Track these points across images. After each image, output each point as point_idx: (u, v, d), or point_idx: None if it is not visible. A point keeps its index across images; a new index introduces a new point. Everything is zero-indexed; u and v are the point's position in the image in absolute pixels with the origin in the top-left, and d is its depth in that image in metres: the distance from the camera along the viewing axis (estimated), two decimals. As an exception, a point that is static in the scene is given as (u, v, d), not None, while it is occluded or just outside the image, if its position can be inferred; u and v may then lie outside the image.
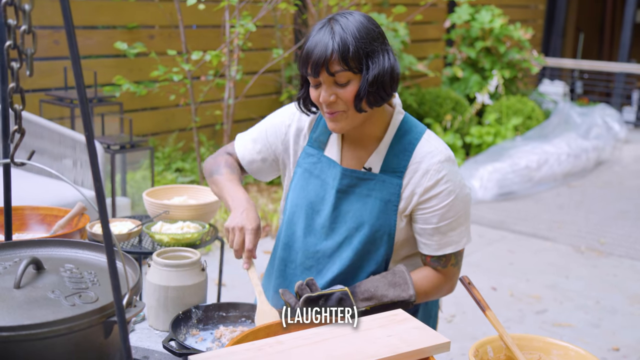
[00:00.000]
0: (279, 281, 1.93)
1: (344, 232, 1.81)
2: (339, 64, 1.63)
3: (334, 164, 1.81)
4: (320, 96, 1.68)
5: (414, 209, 1.78)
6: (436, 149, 1.77)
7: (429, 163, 1.75)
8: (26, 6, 1.07)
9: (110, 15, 5.18)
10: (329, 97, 1.66)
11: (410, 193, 1.76)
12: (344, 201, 1.80)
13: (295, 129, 1.88)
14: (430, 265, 1.83)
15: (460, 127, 7.20)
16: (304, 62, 1.67)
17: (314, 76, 1.66)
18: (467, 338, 3.48)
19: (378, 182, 1.78)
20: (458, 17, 7.74)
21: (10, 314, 1.11)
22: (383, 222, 1.77)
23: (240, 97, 5.46)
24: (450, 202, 1.75)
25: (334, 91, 1.66)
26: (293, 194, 1.88)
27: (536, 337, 1.47)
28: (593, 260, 4.76)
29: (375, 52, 1.66)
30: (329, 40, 1.63)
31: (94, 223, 2.15)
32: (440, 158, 1.76)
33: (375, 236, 1.79)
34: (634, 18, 9.70)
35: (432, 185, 1.74)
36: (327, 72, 1.64)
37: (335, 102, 1.67)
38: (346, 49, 1.62)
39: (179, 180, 5.26)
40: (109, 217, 2.04)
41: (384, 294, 1.71)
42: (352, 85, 1.65)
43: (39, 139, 3.82)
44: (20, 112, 1.18)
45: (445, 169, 1.75)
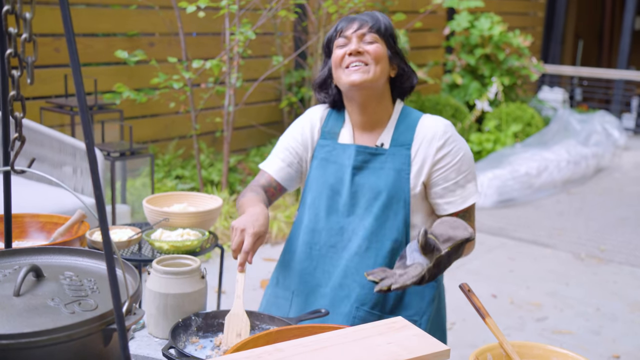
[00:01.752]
0: (305, 264, 2.02)
1: (363, 204, 1.94)
2: (375, 31, 1.91)
3: (349, 145, 1.98)
4: (348, 49, 1.88)
5: (430, 172, 1.94)
6: (436, 119, 1.98)
7: (434, 130, 1.95)
8: (27, 14, 1.08)
9: (111, 23, 5.19)
10: (358, 47, 1.88)
11: (422, 160, 1.94)
12: (359, 176, 1.95)
13: (309, 128, 2.05)
14: None
15: (460, 134, 7.21)
16: (335, 27, 1.94)
17: (357, 29, 1.89)
18: (467, 345, 3.47)
19: (389, 155, 1.94)
20: (457, 24, 7.75)
21: (10, 322, 1.11)
22: (398, 189, 1.92)
23: (240, 104, 5.47)
24: (461, 156, 1.94)
25: (362, 46, 1.89)
26: (312, 182, 2.02)
27: (536, 344, 1.47)
28: (593, 268, 4.75)
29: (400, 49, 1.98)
30: (374, 14, 1.94)
31: (94, 230, 2.15)
32: (443, 122, 1.97)
33: (392, 202, 1.92)
34: (632, 25, 9.72)
35: (442, 144, 1.93)
36: (368, 29, 1.89)
37: (362, 53, 1.87)
38: (383, 24, 1.93)
39: (179, 187, 5.26)
40: (109, 224, 2.04)
41: (455, 234, 1.79)
42: (377, 45, 1.90)
43: (39, 146, 3.83)
44: (21, 119, 1.18)
45: (449, 132, 1.95)
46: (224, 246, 3.57)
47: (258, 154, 6.17)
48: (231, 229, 1.80)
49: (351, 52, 1.88)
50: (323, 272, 2.00)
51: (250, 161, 6.04)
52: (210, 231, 2.44)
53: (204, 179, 5.49)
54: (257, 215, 1.82)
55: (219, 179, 5.52)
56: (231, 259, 4.60)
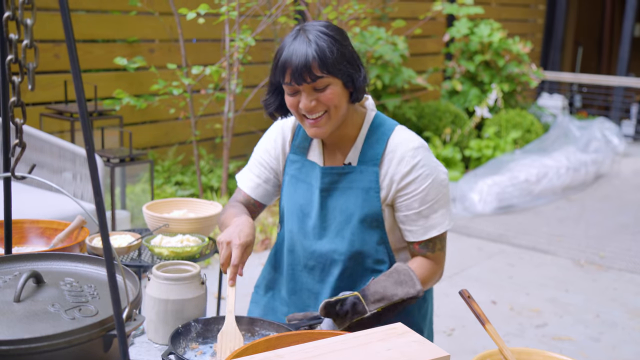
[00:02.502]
0: (290, 285, 1.99)
1: (334, 229, 1.88)
2: (319, 70, 1.70)
3: (316, 166, 1.89)
4: (300, 103, 1.75)
5: (395, 196, 1.85)
6: (409, 137, 1.85)
7: (403, 150, 1.83)
8: (28, 21, 1.08)
9: (110, 29, 5.20)
10: (310, 104, 1.74)
11: (389, 181, 1.84)
12: (328, 199, 1.87)
13: (281, 140, 1.98)
14: (419, 253, 1.88)
15: (460, 141, 7.22)
16: (282, 71, 1.73)
17: (297, 83, 1.71)
18: (467, 352, 3.47)
19: (357, 173, 1.85)
20: (457, 30, 7.77)
21: (10, 327, 1.11)
22: (369, 209, 1.84)
23: (240, 110, 5.47)
24: (428, 185, 1.82)
25: (314, 97, 1.74)
26: (284, 200, 1.97)
27: (536, 350, 1.47)
28: (593, 274, 4.75)
29: (350, 53, 1.77)
30: (310, 49, 1.70)
31: (94, 236, 2.15)
32: (414, 144, 1.84)
33: (364, 223, 1.85)
34: (632, 32, 9.74)
35: (408, 170, 1.82)
36: (310, 78, 1.70)
37: (315, 106, 1.74)
38: (325, 57, 1.70)
39: (179, 193, 5.26)
40: (109, 230, 2.04)
41: (393, 293, 1.74)
42: (331, 88, 1.73)
43: (39, 152, 3.83)
44: (22, 126, 1.18)
45: (419, 155, 1.83)
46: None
47: (258, 160, 6.17)
48: (217, 244, 1.75)
49: (304, 109, 1.74)
50: (309, 294, 1.96)
51: (250, 167, 6.04)
52: (210, 237, 2.43)
53: (203, 185, 5.50)
54: (242, 226, 1.77)
55: (219, 185, 5.52)
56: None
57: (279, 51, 1.76)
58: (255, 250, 4.78)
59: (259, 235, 4.88)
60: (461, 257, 4.97)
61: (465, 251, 5.12)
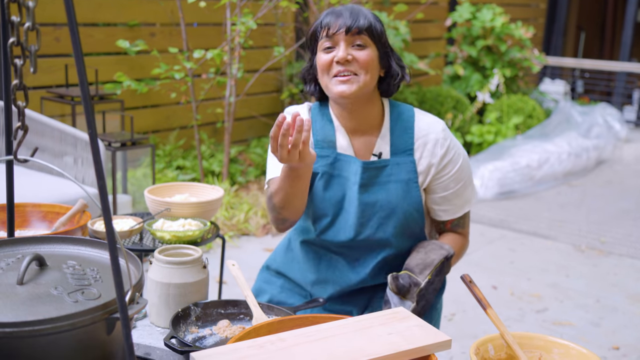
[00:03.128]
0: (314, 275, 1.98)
1: (375, 223, 1.86)
2: (364, 31, 1.75)
3: (353, 159, 1.86)
4: (335, 56, 1.76)
5: (432, 179, 1.88)
6: (432, 120, 1.90)
7: (435, 133, 1.87)
8: (30, 3, 1.07)
9: (111, 13, 5.18)
10: (346, 55, 1.75)
11: (426, 166, 1.86)
12: (367, 194, 1.85)
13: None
14: (451, 230, 1.95)
15: (461, 126, 7.20)
16: (328, 22, 1.77)
17: (347, 31, 1.74)
18: (468, 336, 3.48)
19: (393, 166, 1.85)
20: (459, 15, 7.73)
21: (13, 310, 1.11)
22: (411, 199, 1.85)
23: (241, 95, 5.46)
24: (460, 164, 1.89)
25: (351, 52, 1.75)
26: (316, 197, 1.88)
27: (537, 335, 1.47)
28: (594, 259, 4.76)
29: (388, 42, 1.84)
30: (363, 11, 1.78)
31: (96, 220, 2.15)
32: (441, 126, 1.89)
33: (407, 217, 1.86)
34: (635, 17, 9.69)
35: (445, 152, 1.86)
36: (357, 31, 1.74)
37: (350, 62, 1.75)
38: (372, 23, 1.77)
39: (180, 178, 5.26)
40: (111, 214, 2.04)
41: (432, 259, 1.78)
42: (368, 50, 1.77)
43: (40, 136, 3.83)
44: (24, 109, 1.18)
45: (448, 136, 1.89)
46: (225, 236, 3.58)
47: (259, 145, 6.17)
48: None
49: (339, 60, 1.75)
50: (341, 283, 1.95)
51: (251, 152, 6.04)
52: (212, 221, 2.44)
53: (204, 169, 5.50)
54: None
55: (220, 170, 5.52)
56: (232, 249, 4.62)
57: (320, 16, 1.81)
58: (256, 234, 4.78)
59: (260, 220, 4.88)
60: (462, 242, 4.97)
61: (466, 236, 5.12)
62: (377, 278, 1.94)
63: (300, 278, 2.02)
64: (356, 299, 1.97)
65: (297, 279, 2.03)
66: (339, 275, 1.94)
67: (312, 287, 1.99)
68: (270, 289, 2.07)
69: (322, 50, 1.79)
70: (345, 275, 1.94)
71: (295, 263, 2.04)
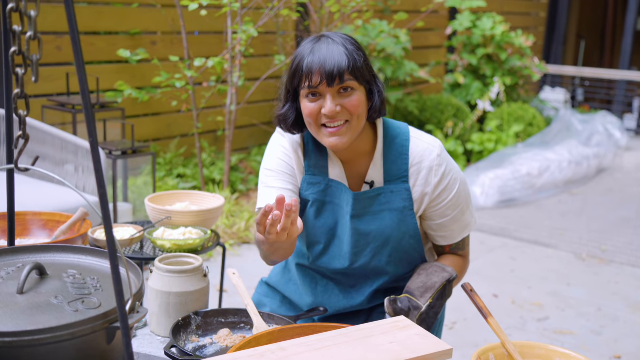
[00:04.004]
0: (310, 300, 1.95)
1: (370, 252, 1.82)
2: (349, 73, 1.65)
3: (345, 188, 1.79)
4: (323, 109, 1.67)
5: (427, 207, 1.81)
6: (429, 144, 1.80)
7: (429, 160, 1.78)
8: (32, 12, 1.08)
9: (112, 21, 5.19)
10: (335, 108, 1.66)
11: (421, 194, 1.79)
12: (360, 224, 1.79)
13: (295, 157, 1.83)
14: (450, 253, 1.90)
15: (462, 134, 7.21)
16: (307, 73, 1.66)
17: (328, 84, 1.64)
18: (469, 345, 3.47)
19: (387, 194, 1.79)
20: (459, 24, 7.75)
21: (14, 319, 1.11)
22: (406, 227, 1.80)
23: (242, 103, 5.47)
24: (457, 190, 1.81)
25: (339, 102, 1.67)
26: (308, 225, 1.84)
27: (538, 344, 1.47)
28: (594, 268, 4.75)
29: (371, 66, 1.75)
30: (341, 50, 1.66)
31: (96, 229, 2.15)
32: (437, 152, 1.80)
33: (403, 245, 1.82)
34: (635, 25, 9.71)
35: (439, 180, 1.78)
36: (340, 80, 1.64)
37: (339, 112, 1.67)
38: (355, 60, 1.66)
39: (181, 186, 5.26)
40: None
41: (433, 281, 1.74)
42: (356, 94, 1.68)
43: (41, 144, 3.83)
44: (25, 117, 1.18)
45: (444, 161, 1.80)
46: (226, 245, 3.57)
47: (260, 153, 6.18)
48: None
49: (327, 114, 1.66)
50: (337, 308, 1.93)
51: (251, 160, 6.05)
52: (212, 230, 2.44)
53: (205, 177, 5.50)
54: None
55: (221, 178, 5.52)
56: (233, 258, 4.60)
57: (299, 55, 1.69)
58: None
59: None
60: (463, 250, 4.96)
61: (467, 245, 5.12)
62: (374, 301, 1.93)
63: (297, 299, 2.00)
64: (354, 319, 1.96)
65: (294, 299, 2.01)
66: (335, 301, 1.92)
67: (310, 307, 1.98)
68: (270, 302, 2.05)
69: (306, 97, 1.69)
70: (342, 301, 1.92)
71: (292, 284, 2.02)
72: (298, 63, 1.68)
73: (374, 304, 1.94)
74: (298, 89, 1.71)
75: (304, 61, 1.67)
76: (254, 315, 1.66)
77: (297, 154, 1.82)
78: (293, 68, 1.70)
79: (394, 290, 1.92)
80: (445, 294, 1.74)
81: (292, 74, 1.70)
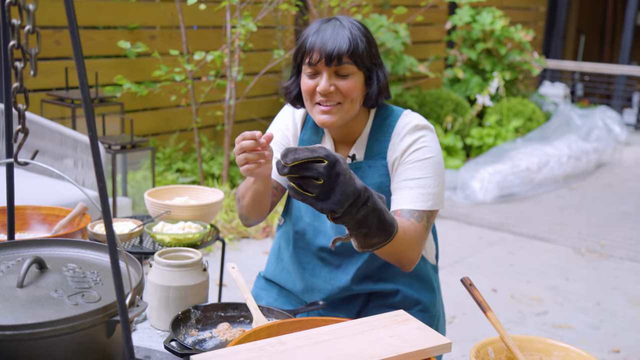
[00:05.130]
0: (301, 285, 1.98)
1: None
2: (348, 56, 1.70)
3: None
4: (318, 86, 1.73)
5: (395, 171, 1.81)
6: (414, 118, 1.83)
7: (406, 129, 1.80)
8: (30, 6, 1.07)
9: (111, 16, 5.18)
10: (328, 87, 1.72)
11: (393, 161, 1.80)
12: None
13: (293, 130, 1.94)
14: (403, 217, 1.74)
15: (461, 129, 7.21)
16: (310, 49, 1.72)
17: (326, 64, 1.70)
18: (468, 339, 3.48)
19: (365, 169, 1.83)
20: (459, 18, 7.74)
21: (13, 313, 1.11)
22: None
23: (241, 97, 5.46)
24: (427, 159, 1.78)
25: (334, 82, 1.73)
26: (293, 200, 1.90)
27: (537, 338, 1.47)
28: (593, 262, 4.76)
29: (376, 54, 1.78)
30: (345, 33, 1.70)
31: (96, 223, 2.15)
32: (417, 123, 1.81)
33: None
34: (634, 20, 9.70)
35: (411, 143, 1.79)
36: (337, 60, 1.69)
37: (333, 93, 1.72)
38: (357, 46, 1.70)
39: (180, 180, 5.26)
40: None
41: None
42: (352, 78, 1.73)
43: (40, 139, 3.83)
44: (24, 112, 1.18)
45: (422, 132, 1.81)
46: (225, 239, 3.58)
47: (259, 148, 6.16)
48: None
49: (321, 92, 1.72)
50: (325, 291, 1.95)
51: (251, 155, 6.04)
52: (212, 224, 2.44)
53: (204, 172, 5.50)
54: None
55: (220, 173, 5.52)
56: (232, 252, 4.61)
57: (306, 32, 1.76)
58: (256, 237, 4.78)
59: (260, 223, 4.88)
60: (462, 245, 4.97)
61: (466, 239, 5.12)
62: (360, 285, 1.94)
63: (292, 287, 2.03)
64: (346, 307, 1.97)
65: (289, 287, 2.04)
66: (322, 282, 1.94)
67: (303, 295, 2.00)
68: (267, 296, 2.08)
69: (305, 74, 1.77)
70: (328, 282, 1.94)
71: (285, 273, 2.05)
72: (303, 40, 1.75)
73: (362, 290, 1.94)
74: (301, 65, 1.79)
75: (309, 39, 1.74)
76: (253, 309, 1.66)
77: (296, 128, 1.92)
78: (298, 44, 1.78)
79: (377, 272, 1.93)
80: (382, 224, 1.51)
81: (297, 50, 1.79)
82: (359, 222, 1.45)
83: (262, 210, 1.84)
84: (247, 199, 1.80)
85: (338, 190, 1.36)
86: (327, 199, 1.37)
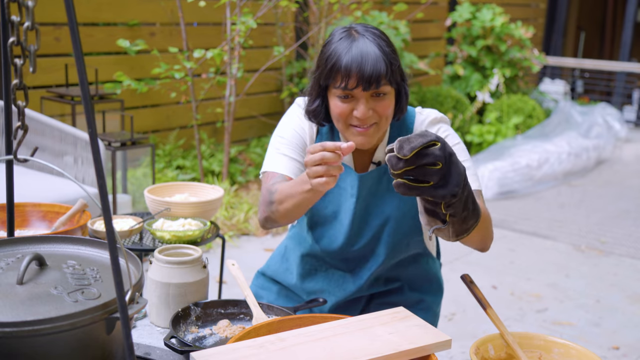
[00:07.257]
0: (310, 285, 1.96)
1: (368, 233, 1.83)
2: (385, 78, 1.63)
3: (350, 170, 1.80)
4: (355, 111, 1.65)
5: None
6: (430, 113, 1.82)
7: (425, 125, 1.80)
8: (29, 3, 1.07)
9: (111, 13, 5.18)
10: (368, 112, 1.65)
11: None
12: (363, 205, 1.81)
13: (309, 132, 1.83)
14: None
15: (461, 126, 7.20)
16: (345, 74, 1.62)
17: (364, 89, 1.62)
18: (468, 336, 3.48)
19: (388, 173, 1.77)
20: (459, 15, 7.73)
21: (13, 310, 1.11)
22: (406, 209, 1.80)
23: (241, 94, 5.46)
24: (457, 145, 1.76)
25: (371, 106, 1.66)
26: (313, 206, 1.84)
27: (537, 335, 1.47)
28: (593, 259, 4.76)
29: (401, 66, 1.72)
30: (375, 51, 1.62)
31: (95, 220, 2.15)
32: (435, 117, 1.81)
33: (401, 226, 1.82)
34: (635, 17, 9.69)
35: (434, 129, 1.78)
36: (376, 87, 1.62)
37: (371, 116, 1.66)
38: (392, 64, 1.64)
39: (180, 177, 5.26)
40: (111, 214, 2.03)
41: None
42: (387, 98, 1.67)
43: (40, 135, 3.82)
44: (24, 108, 1.18)
45: (440, 125, 1.80)
46: (225, 236, 3.58)
47: (259, 145, 6.17)
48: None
49: (359, 117, 1.65)
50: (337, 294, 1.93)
51: (251, 152, 6.04)
52: (212, 221, 2.44)
53: (204, 169, 5.49)
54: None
55: (220, 170, 5.52)
56: (232, 249, 4.61)
57: (334, 53, 1.64)
58: (256, 234, 4.78)
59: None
60: (462, 242, 4.97)
61: (466, 236, 5.12)
62: (373, 287, 1.94)
63: (295, 288, 2.01)
64: (352, 308, 1.97)
65: (293, 287, 2.02)
66: (335, 286, 1.93)
67: (309, 296, 1.99)
68: (267, 294, 2.06)
69: (336, 97, 1.67)
70: (341, 286, 1.93)
71: (288, 273, 2.03)
72: (335, 62, 1.64)
73: (371, 291, 1.94)
74: (329, 85, 1.69)
75: (341, 61, 1.63)
76: (253, 306, 1.66)
77: (312, 130, 1.82)
78: (329, 66, 1.65)
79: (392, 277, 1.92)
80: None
81: (328, 72, 1.66)
82: (465, 203, 1.32)
83: (298, 217, 1.72)
84: (289, 205, 1.64)
85: (454, 172, 1.25)
86: (446, 184, 1.24)
